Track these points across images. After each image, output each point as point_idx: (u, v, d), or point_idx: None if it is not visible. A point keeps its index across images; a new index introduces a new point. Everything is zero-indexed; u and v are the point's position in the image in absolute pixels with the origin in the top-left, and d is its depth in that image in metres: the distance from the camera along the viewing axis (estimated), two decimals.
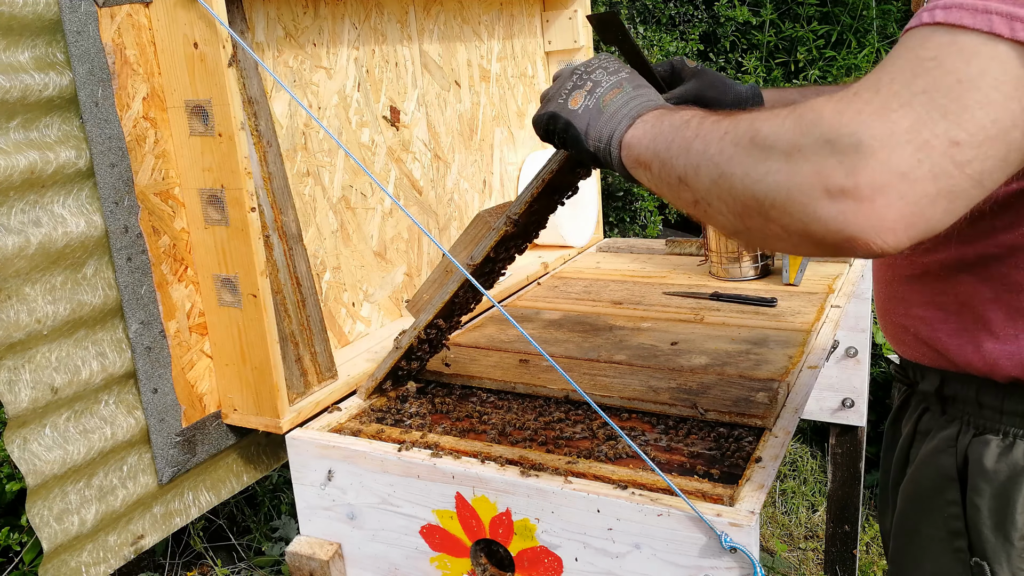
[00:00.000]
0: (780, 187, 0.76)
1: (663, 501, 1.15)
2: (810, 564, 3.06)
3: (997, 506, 0.93)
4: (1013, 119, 0.70)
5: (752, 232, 0.83)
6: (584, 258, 2.48)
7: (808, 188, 0.74)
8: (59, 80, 1.26)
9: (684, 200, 0.91)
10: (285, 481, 3.05)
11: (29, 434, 1.27)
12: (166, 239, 1.42)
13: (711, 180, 0.84)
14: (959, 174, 0.70)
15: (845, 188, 0.72)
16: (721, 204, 0.84)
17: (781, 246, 0.82)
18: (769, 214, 0.78)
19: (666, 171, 0.92)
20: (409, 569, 1.39)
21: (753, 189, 0.79)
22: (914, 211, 0.71)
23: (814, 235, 0.75)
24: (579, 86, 1.08)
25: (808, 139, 0.74)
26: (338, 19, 1.75)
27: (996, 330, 0.93)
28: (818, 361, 1.62)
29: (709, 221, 0.89)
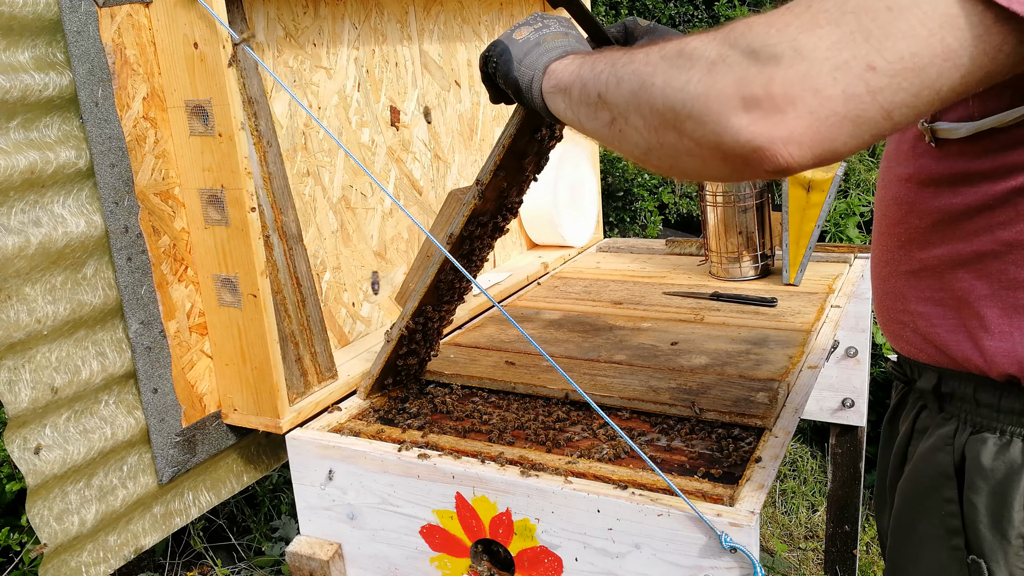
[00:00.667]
0: (699, 96, 0.76)
1: (663, 501, 1.15)
2: (810, 564, 3.06)
3: (994, 504, 0.93)
4: (932, 56, 0.69)
5: (664, 148, 0.82)
6: (584, 258, 2.48)
7: (726, 97, 0.74)
8: (59, 80, 1.26)
9: (600, 122, 0.90)
10: (285, 481, 3.05)
11: (29, 434, 1.27)
12: (166, 239, 1.42)
13: (631, 91, 0.84)
14: (870, 100, 0.70)
15: (759, 98, 0.72)
16: (638, 118, 0.84)
17: (690, 164, 0.81)
18: (684, 126, 0.78)
19: (586, 91, 0.92)
20: (409, 569, 1.39)
21: (672, 99, 0.79)
22: (821, 128, 0.71)
23: (724, 146, 0.75)
24: (530, 24, 1.11)
25: (734, 49, 0.75)
26: (338, 19, 1.75)
27: (992, 327, 0.93)
28: (818, 361, 1.62)
29: (622, 142, 0.88)
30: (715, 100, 0.75)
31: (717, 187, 2.10)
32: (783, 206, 2.06)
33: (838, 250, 2.25)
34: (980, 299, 0.94)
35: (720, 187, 2.09)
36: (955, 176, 0.93)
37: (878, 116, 0.71)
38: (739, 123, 0.73)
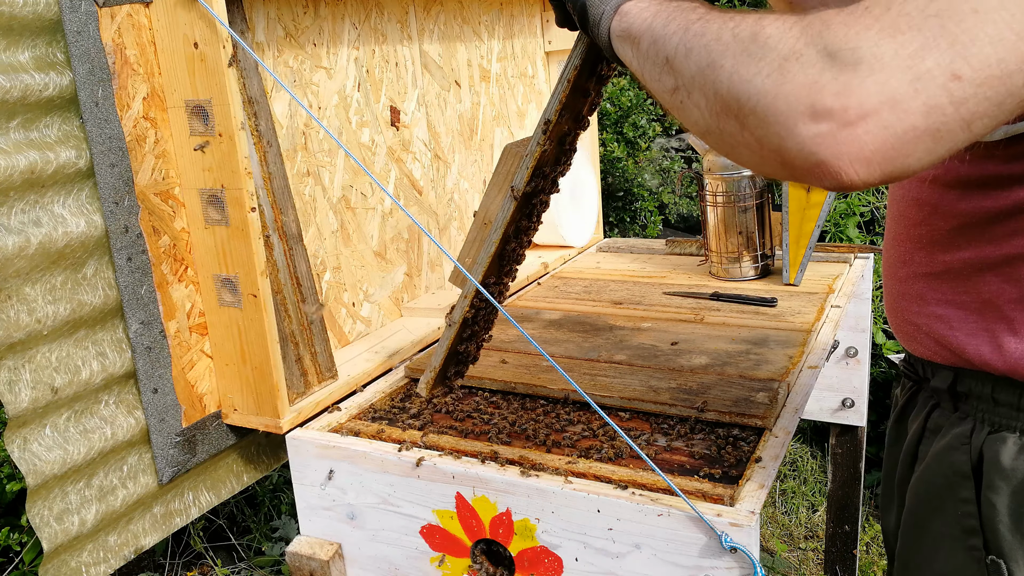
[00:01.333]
0: (767, 92, 0.71)
1: (663, 501, 1.15)
2: (810, 564, 3.06)
3: (1015, 504, 0.91)
4: (1019, 62, 0.65)
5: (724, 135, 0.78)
6: (584, 258, 2.48)
7: (795, 100, 0.69)
8: (59, 80, 1.26)
9: (664, 85, 0.85)
10: (285, 481, 3.05)
11: (29, 434, 1.27)
12: (166, 239, 1.42)
13: (698, 67, 0.79)
14: (953, 112, 0.66)
15: (832, 108, 0.67)
16: (701, 97, 0.79)
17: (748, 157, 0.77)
18: (747, 120, 0.74)
19: (655, 48, 0.86)
20: (409, 569, 1.39)
21: (738, 88, 0.74)
22: (896, 145, 0.67)
23: (786, 152, 0.71)
24: None
25: (809, 48, 0.70)
26: (338, 19, 1.75)
27: (1019, 329, 0.92)
28: (818, 361, 1.62)
29: (683, 114, 0.84)
30: (783, 101, 0.70)
31: (717, 187, 2.10)
32: (783, 206, 2.06)
33: (838, 250, 2.24)
34: (1008, 303, 0.92)
35: (720, 187, 2.09)
36: (985, 179, 0.90)
37: (958, 128, 0.67)
38: (806, 132, 0.69)
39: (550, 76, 2.58)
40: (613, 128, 3.82)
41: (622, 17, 0.93)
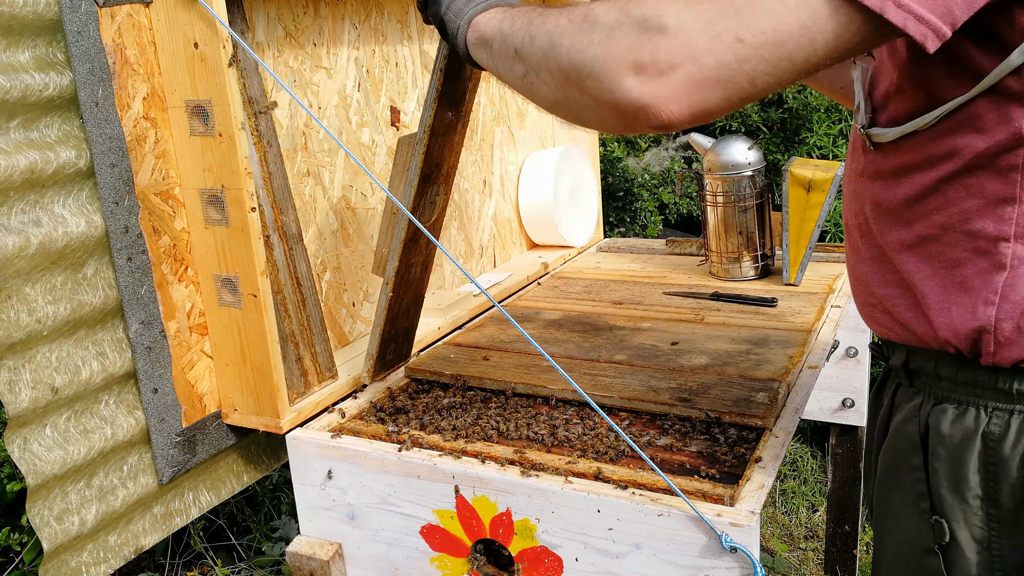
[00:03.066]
0: (598, 58, 0.89)
1: (663, 501, 1.15)
2: (810, 564, 3.06)
3: (952, 468, 1.00)
4: (789, 31, 0.80)
5: (569, 103, 0.95)
6: (584, 258, 2.48)
7: (620, 60, 0.87)
8: (59, 80, 1.26)
9: (515, 74, 1.03)
10: (285, 481, 3.05)
11: (29, 434, 1.27)
12: (166, 239, 1.42)
13: (543, 51, 0.96)
14: (738, 68, 0.82)
15: (647, 63, 0.85)
16: (547, 75, 0.96)
17: (590, 116, 0.94)
18: (585, 84, 0.91)
19: (505, 46, 1.04)
20: (409, 569, 1.39)
21: (576, 60, 0.91)
22: (697, 90, 0.84)
23: (617, 103, 0.88)
24: None
25: (628, 18, 0.87)
26: (338, 19, 1.75)
27: (933, 304, 1.00)
28: (818, 361, 1.62)
29: (534, 94, 1.01)
30: (612, 63, 0.88)
31: (717, 187, 2.10)
32: (783, 206, 2.06)
33: (838, 250, 2.24)
34: (923, 279, 1.01)
35: (720, 187, 2.09)
36: (895, 169, 1.01)
37: (744, 82, 0.84)
38: (630, 84, 0.86)
39: None
40: None
41: (475, 28, 1.11)
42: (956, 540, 1.00)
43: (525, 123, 2.48)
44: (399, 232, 1.47)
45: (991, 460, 0.97)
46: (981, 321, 0.95)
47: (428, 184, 1.46)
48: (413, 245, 1.50)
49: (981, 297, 0.95)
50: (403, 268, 1.51)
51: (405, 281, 1.55)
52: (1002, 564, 0.98)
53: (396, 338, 1.60)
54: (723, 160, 2.08)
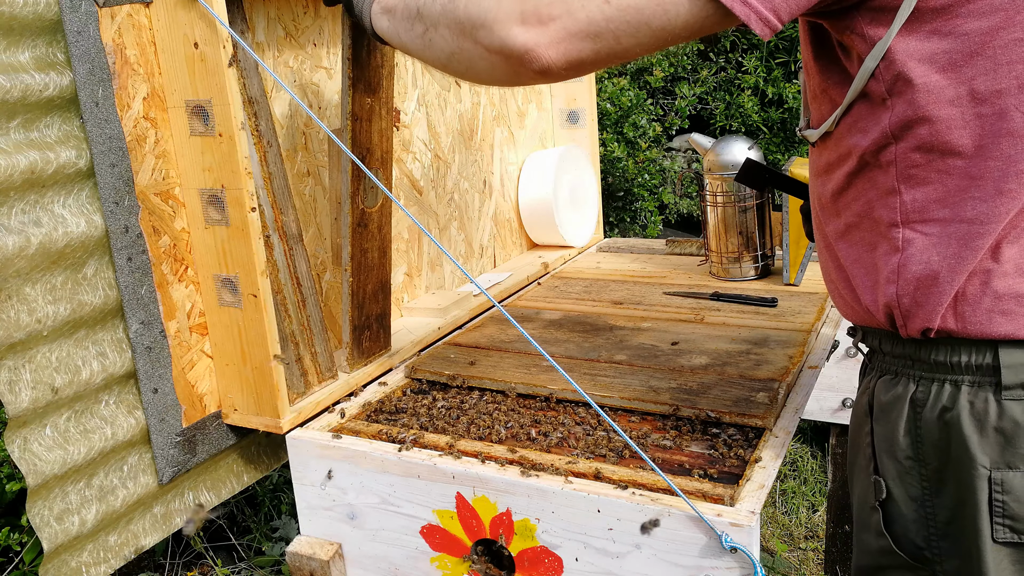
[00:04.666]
0: (490, 10, 1.03)
1: (663, 501, 1.15)
2: (810, 564, 3.06)
3: (886, 432, 1.10)
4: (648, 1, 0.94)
5: (463, 53, 1.09)
6: (584, 258, 2.48)
7: (509, 11, 1.01)
8: (59, 80, 1.26)
9: (415, 32, 1.17)
10: (285, 481, 3.04)
11: (29, 434, 1.27)
12: (166, 239, 1.42)
13: (442, 7, 1.11)
14: (605, 25, 0.97)
15: (530, 14, 1.00)
16: (445, 29, 1.11)
17: (481, 66, 1.08)
18: (478, 35, 1.05)
19: (407, 9, 1.18)
20: (409, 569, 1.39)
21: (471, 12, 1.06)
22: (571, 40, 0.99)
23: (505, 50, 1.02)
24: None
25: None
26: (338, 19, 1.75)
27: (860, 285, 1.11)
28: (818, 361, 1.62)
29: (432, 50, 1.15)
30: (501, 13, 1.02)
31: (717, 187, 2.10)
32: (783, 206, 2.06)
33: None
34: (852, 264, 1.12)
35: (720, 187, 2.09)
36: (825, 166, 1.14)
37: (610, 39, 0.98)
38: (516, 31, 1.01)
39: None
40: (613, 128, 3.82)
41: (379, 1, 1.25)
42: (892, 497, 1.10)
43: (525, 123, 2.48)
44: (345, 218, 1.54)
45: (917, 423, 1.07)
46: (888, 298, 1.07)
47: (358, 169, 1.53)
48: (363, 230, 1.57)
49: (884, 276, 1.07)
50: (358, 253, 1.58)
51: (363, 267, 1.61)
52: (934, 521, 1.07)
53: (369, 325, 1.64)
54: (723, 160, 2.08)
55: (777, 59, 3.98)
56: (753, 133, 3.97)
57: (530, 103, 2.50)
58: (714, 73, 4.07)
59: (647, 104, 3.90)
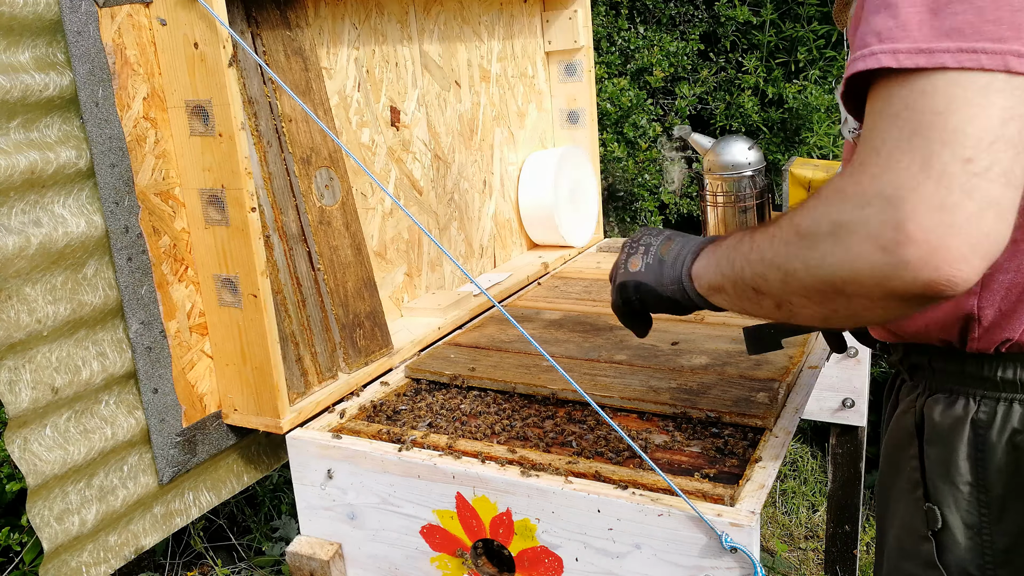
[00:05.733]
0: (841, 264, 0.81)
1: (663, 501, 1.15)
2: (810, 564, 3.06)
3: (943, 455, 1.03)
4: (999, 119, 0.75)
5: (840, 312, 0.87)
6: (584, 258, 2.48)
7: (866, 254, 0.79)
8: (59, 80, 1.26)
9: (767, 307, 0.96)
10: (285, 481, 3.05)
11: (30, 434, 1.27)
12: (166, 239, 1.42)
13: (781, 282, 0.90)
14: (987, 183, 0.74)
15: (898, 240, 0.76)
16: (801, 299, 0.89)
17: (875, 314, 0.85)
18: (846, 291, 0.83)
19: (739, 288, 0.99)
20: (409, 569, 1.39)
21: (819, 275, 0.84)
22: (969, 232, 0.75)
23: (896, 292, 0.79)
24: (633, 252, 1.19)
25: (845, 214, 0.81)
26: (338, 19, 1.75)
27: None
28: (818, 361, 1.62)
29: (799, 318, 0.93)
30: (858, 261, 0.79)
31: (717, 187, 2.10)
32: (783, 206, 2.06)
33: None
34: None
35: (720, 187, 2.09)
36: None
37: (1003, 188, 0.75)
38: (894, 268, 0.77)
39: (550, 76, 2.58)
40: (613, 128, 3.82)
41: (698, 280, 1.09)
42: (948, 526, 1.03)
43: (525, 123, 2.48)
44: (303, 217, 1.55)
45: (979, 446, 1.00)
46: (966, 310, 0.99)
47: (311, 167, 1.55)
48: (327, 228, 1.57)
49: None
50: (327, 251, 1.59)
51: (338, 264, 1.62)
52: (992, 549, 1.01)
53: (360, 323, 1.64)
54: (723, 160, 2.08)
55: (777, 59, 3.98)
56: (753, 133, 3.97)
57: (530, 103, 2.50)
58: (714, 73, 4.07)
59: (647, 104, 3.90)
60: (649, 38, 3.99)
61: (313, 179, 1.57)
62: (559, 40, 2.52)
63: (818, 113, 3.73)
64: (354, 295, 1.65)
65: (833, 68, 3.86)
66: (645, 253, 1.17)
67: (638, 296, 1.17)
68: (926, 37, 0.78)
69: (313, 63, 1.59)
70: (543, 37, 2.53)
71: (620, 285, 1.19)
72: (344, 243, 1.64)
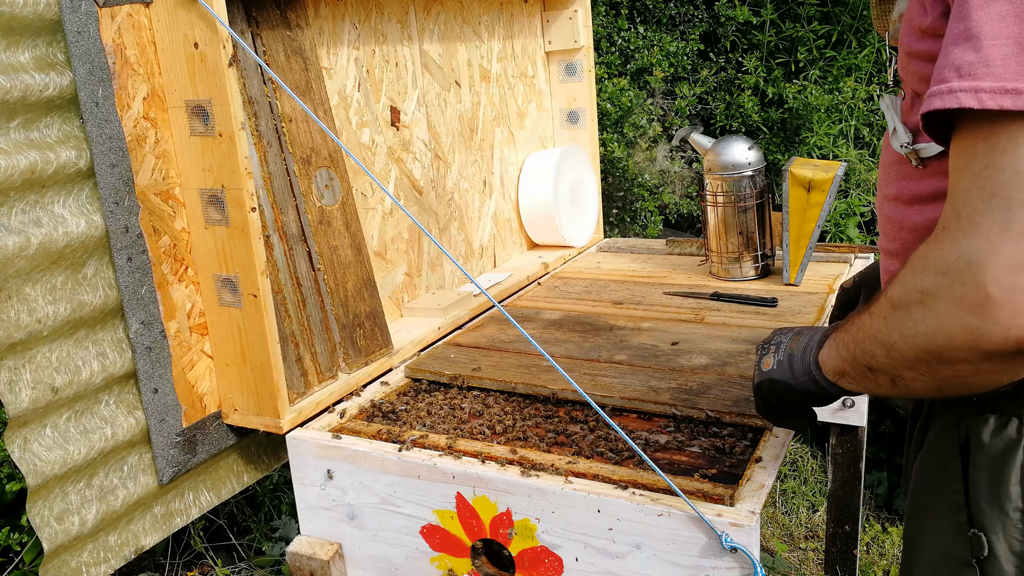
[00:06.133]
0: (934, 331, 0.83)
1: (664, 501, 1.15)
2: (810, 564, 3.06)
3: (992, 479, 0.99)
4: None
5: (948, 381, 0.88)
6: (584, 258, 2.48)
7: (955, 319, 0.81)
8: (59, 80, 1.26)
9: (884, 384, 0.97)
10: (285, 481, 3.05)
11: (30, 434, 1.27)
12: (166, 239, 1.42)
13: (886, 356, 0.93)
14: None
15: (982, 301, 0.78)
16: (907, 371, 0.91)
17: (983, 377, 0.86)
18: (945, 357, 0.85)
19: (857, 368, 1.00)
20: (409, 569, 1.39)
21: (916, 344, 0.87)
22: None
23: (992, 351, 0.81)
24: (765, 352, 1.19)
25: (929, 281, 0.83)
26: (338, 19, 1.75)
27: None
28: None
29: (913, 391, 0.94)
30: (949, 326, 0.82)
31: (718, 187, 2.10)
32: (783, 206, 2.06)
33: (838, 250, 2.24)
34: None
35: (720, 187, 2.09)
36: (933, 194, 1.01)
37: None
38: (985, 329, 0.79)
39: (550, 76, 2.58)
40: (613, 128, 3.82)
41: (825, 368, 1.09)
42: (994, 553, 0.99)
43: (525, 123, 2.48)
44: (304, 217, 1.55)
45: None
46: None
47: (311, 167, 1.55)
48: (327, 228, 1.57)
49: None
50: (327, 251, 1.59)
51: (338, 264, 1.62)
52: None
53: (360, 323, 1.64)
54: (723, 160, 2.08)
55: (777, 59, 3.98)
56: (753, 133, 3.97)
57: (530, 103, 2.50)
58: (714, 73, 4.07)
59: (647, 104, 3.90)
60: (649, 38, 3.99)
61: (313, 179, 1.57)
62: (559, 40, 2.52)
63: (818, 113, 3.73)
64: (354, 295, 1.65)
65: (833, 68, 3.86)
66: (776, 351, 1.17)
67: (774, 394, 1.16)
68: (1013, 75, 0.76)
69: (313, 63, 1.59)
70: (543, 37, 2.53)
71: (756, 386, 1.18)
72: (344, 243, 1.64)
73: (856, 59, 3.82)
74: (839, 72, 3.84)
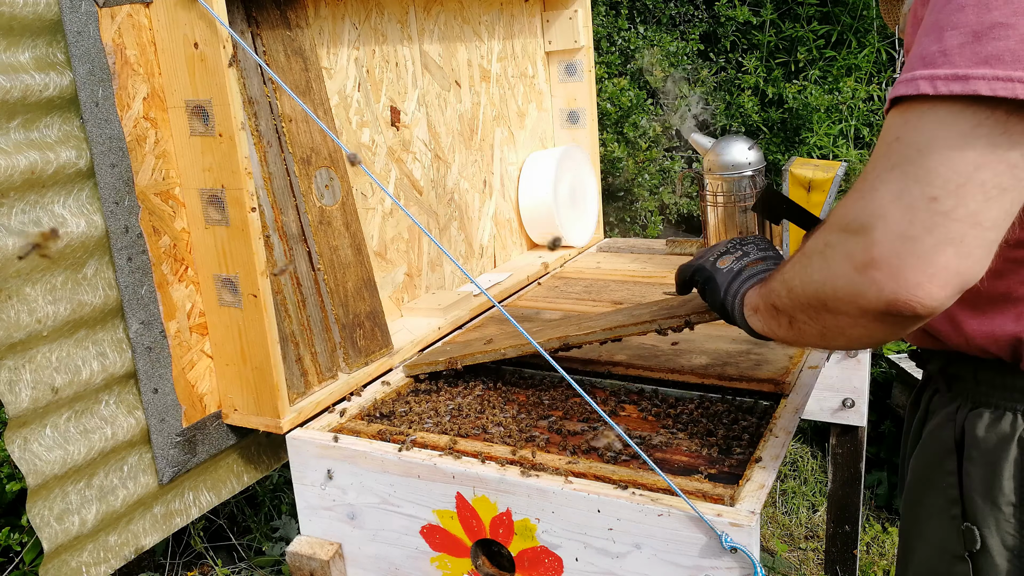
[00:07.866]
0: (824, 280, 0.90)
1: (663, 501, 1.15)
2: (810, 564, 3.06)
3: (986, 473, 1.00)
4: (974, 164, 0.79)
5: (830, 329, 0.94)
6: (584, 258, 2.48)
7: (842, 273, 0.87)
8: (59, 80, 1.26)
9: (782, 325, 1.04)
10: (285, 481, 3.05)
11: (30, 434, 1.27)
12: (166, 239, 1.42)
13: (788, 297, 1.00)
14: (949, 222, 0.80)
15: (867, 261, 0.84)
16: (800, 313, 0.98)
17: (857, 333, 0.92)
18: (829, 307, 0.91)
19: (767, 306, 1.07)
20: (410, 569, 1.39)
21: (809, 290, 0.94)
22: (928, 263, 0.81)
23: (869, 309, 0.86)
24: (731, 252, 1.22)
25: (830, 235, 0.90)
26: (338, 19, 1.75)
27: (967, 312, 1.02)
28: (818, 361, 1.62)
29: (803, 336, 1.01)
30: (837, 277, 0.88)
31: (718, 187, 2.10)
32: None
33: None
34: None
35: (721, 187, 2.09)
36: None
37: (968, 228, 0.81)
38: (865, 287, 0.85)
39: (550, 76, 2.58)
40: (613, 128, 3.82)
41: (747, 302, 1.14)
42: (987, 547, 1.00)
43: (525, 123, 2.48)
44: (304, 217, 1.55)
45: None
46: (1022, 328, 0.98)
47: (311, 167, 1.55)
48: (327, 228, 1.58)
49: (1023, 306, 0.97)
50: (327, 251, 1.60)
51: (338, 264, 1.62)
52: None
53: (360, 323, 1.64)
54: (723, 160, 2.08)
55: (777, 59, 3.98)
56: (753, 133, 3.97)
57: (530, 103, 2.50)
58: (714, 73, 4.07)
59: (647, 104, 3.90)
60: (649, 38, 3.99)
61: (313, 179, 1.57)
62: (559, 40, 2.52)
63: (818, 113, 3.73)
64: (354, 295, 1.65)
65: (832, 68, 3.86)
66: (738, 259, 1.20)
67: (703, 287, 1.23)
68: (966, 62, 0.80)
69: (313, 63, 1.59)
70: (543, 37, 2.53)
71: (699, 267, 1.24)
72: (344, 243, 1.64)
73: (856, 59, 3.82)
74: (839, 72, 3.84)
